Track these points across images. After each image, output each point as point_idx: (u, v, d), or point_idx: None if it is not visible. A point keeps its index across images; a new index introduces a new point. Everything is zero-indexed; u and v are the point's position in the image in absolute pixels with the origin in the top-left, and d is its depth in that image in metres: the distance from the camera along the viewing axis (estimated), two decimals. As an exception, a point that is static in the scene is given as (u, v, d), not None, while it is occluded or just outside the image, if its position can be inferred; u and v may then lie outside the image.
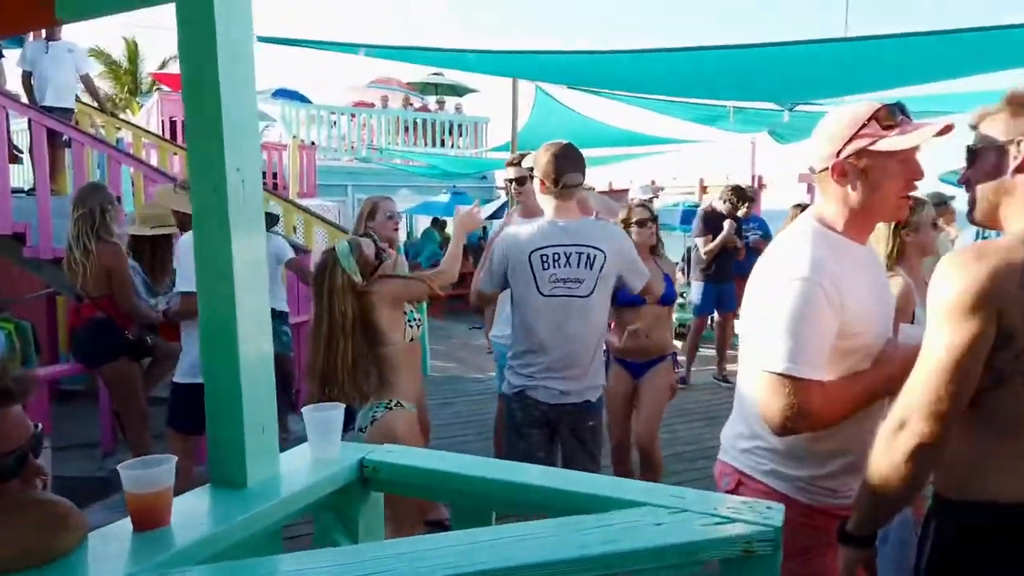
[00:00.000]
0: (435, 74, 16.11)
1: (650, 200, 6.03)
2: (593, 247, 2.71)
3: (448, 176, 13.56)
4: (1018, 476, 1.34)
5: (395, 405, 2.67)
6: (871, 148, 1.53)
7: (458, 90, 16.83)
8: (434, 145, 14.54)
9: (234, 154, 1.46)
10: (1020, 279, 1.28)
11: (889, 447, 1.36)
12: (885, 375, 1.57)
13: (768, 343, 1.54)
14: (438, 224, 13.20)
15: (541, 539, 1.24)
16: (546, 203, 2.80)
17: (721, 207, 6.30)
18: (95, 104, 8.35)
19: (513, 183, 3.75)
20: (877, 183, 1.56)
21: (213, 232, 1.47)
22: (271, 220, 5.29)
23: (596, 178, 12.85)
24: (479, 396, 6.25)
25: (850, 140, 1.55)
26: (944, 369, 1.31)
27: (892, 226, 2.76)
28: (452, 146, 14.83)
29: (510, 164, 3.85)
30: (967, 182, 1.51)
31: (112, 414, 4.62)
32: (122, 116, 12.76)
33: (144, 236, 4.33)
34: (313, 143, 12.96)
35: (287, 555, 1.22)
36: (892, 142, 1.52)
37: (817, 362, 1.51)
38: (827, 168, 1.59)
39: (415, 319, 2.85)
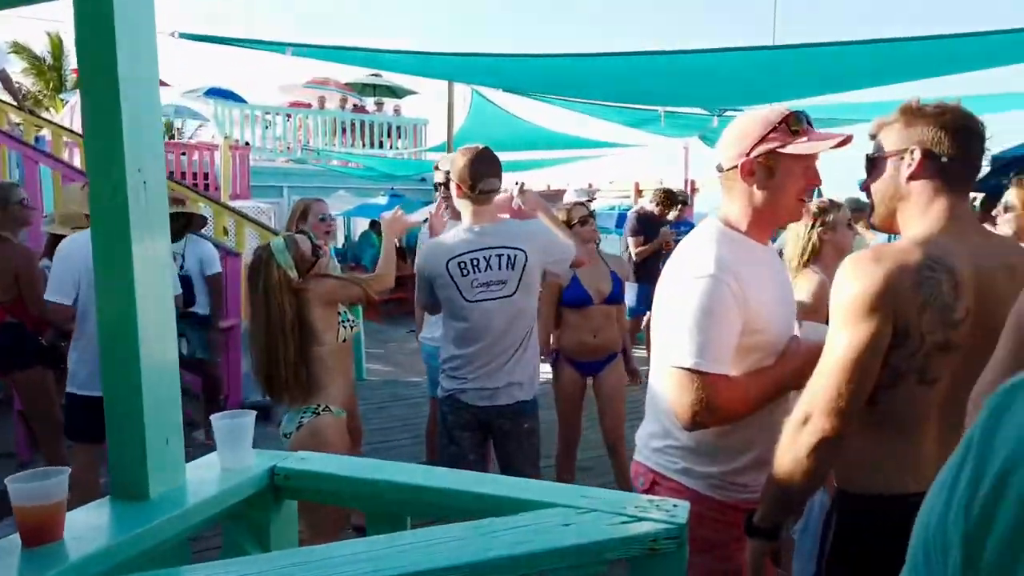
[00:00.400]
0: (373, 75, 15.94)
1: (586, 202, 6.08)
2: (514, 247, 2.72)
3: (387, 178, 13.45)
4: (902, 469, 1.40)
5: (323, 410, 2.63)
6: (779, 150, 1.60)
7: (397, 91, 16.70)
8: (372, 147, 14.41)
9: (135, 154, 1.41)
10: (914, 281, 1.34)
11: (793, 442, 1.41)
12: (789, 370, 1.63)
13: (676, 339, 1.58)
14: (376, 226, 13.06)
15: (451, 543, 1.24)
16: (464, 207, 2.79)
17: (653, 209, 6.42)
18: (13, 102, 8.00)
19: (442, 187, 3.75)
20: (781, 183, 1.63)
21: (113, 236, 1.41)
22: (199, 223, 5.16)
23: (533, 180, 12.92)
24: (415, 400, 6.20)
25: (760, 141, 1.61)
26: (845, 367, 1.36)
27: (808, 225, 2.85)
28: (391, 148, 14.72)
29: (440, 168, 3.84)
30: (867, 189, 1.58)
31: (24, 423, 4.43)
32: (44, 114, 12.26)
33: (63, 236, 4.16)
34: (247, 143, 12.69)
35: (190, 566, 1.18)
36: (799, 147, 1.59)
37: (723, 357, 1.56)
38: (735, 166, 1.65)
39: (349, 320, 2.81)
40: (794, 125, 1.60)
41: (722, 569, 1.70)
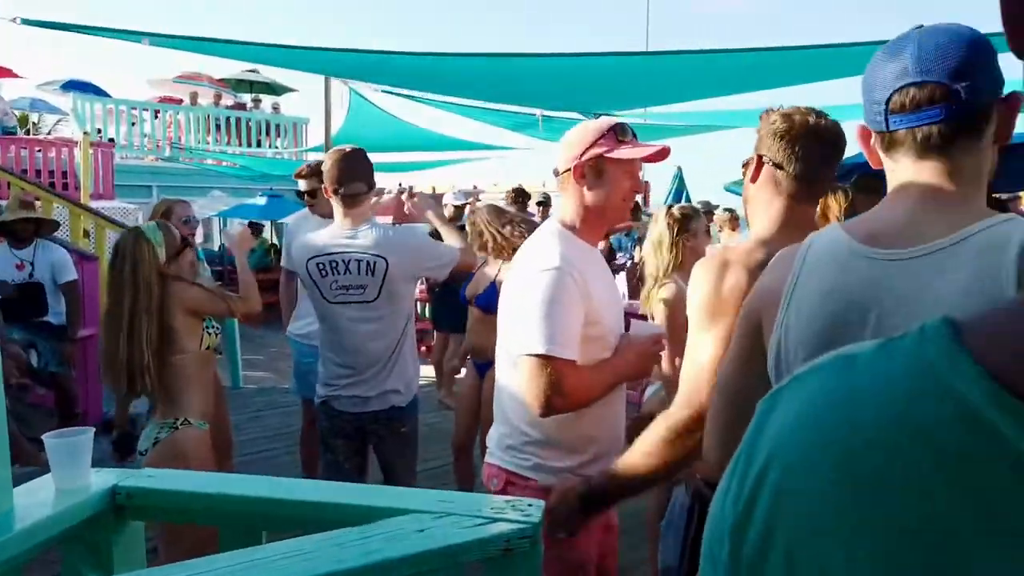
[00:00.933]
0: (249, 71, 15.32)
1: (463, 206, 6.08)
2: (374, 254, 2.66)
3: (265, 178, 12.97)
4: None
5: (182, 424, 2.50)
6: (606, 155, 1.76)
7: (275, 88, 16.12)
8: (250, 145, 13.86)
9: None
10: (753, 278, 1.40)
11: (679, 440, 1.46)
12: (624, 362, 1.78)
13: (526, 329, 1.67)
14: (255, 228, 12.58)
15: (303, 556, 1.21)
16: (335, 209, 2.76)
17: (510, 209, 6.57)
18: None
19: (306, 195, 3.73)
20: (608, 185, 1.79)
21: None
22: (49, 227, 4.82)
23: (417, 182, 12.85)
24: (293, 408, 5.99)
25: (591, 147, 1.77)
26: (703, 366, 1.43)
27: (674, 233, 2.98)
28: (270, 146, 14.21)
29: (299, 176, 3.80)
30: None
31: None
32: None
33: None
34: (111, 140, 11.92)
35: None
36: (622, 152, 1.77)
37: (571, 344, 1.67)
38: (569, 169, 1.80)
39: (214, 326, 2.70)
40: (620, 135, 1.77)
41: (567, 558, 1.77)
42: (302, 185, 3.76)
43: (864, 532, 0.34)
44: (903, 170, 1.06)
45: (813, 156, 1.47)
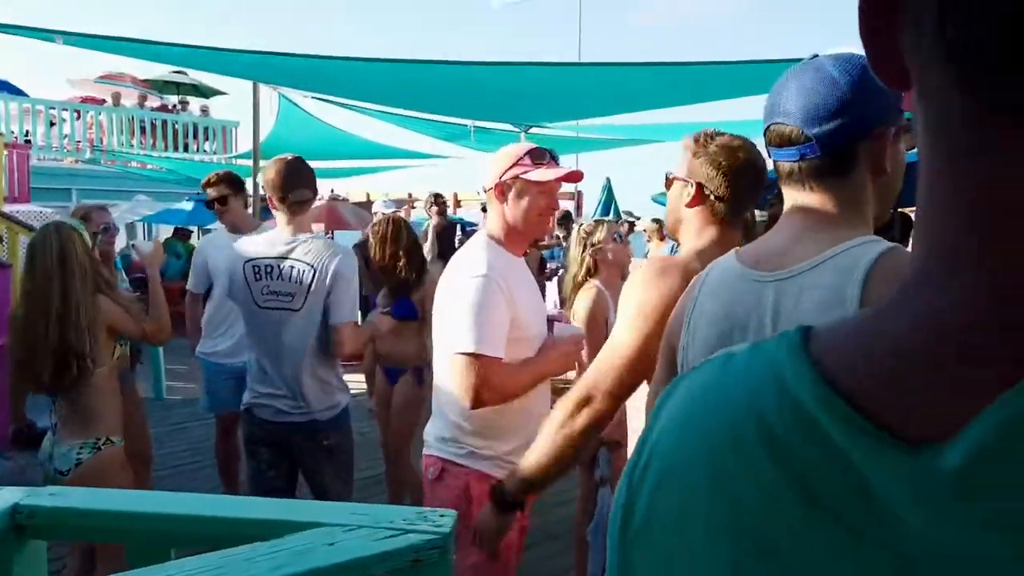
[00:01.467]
0: (176, 72, 14.92)
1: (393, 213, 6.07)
2: (305, 263, 2.68)
3: (192, 181, 12.62)
4: None
5: (104, 443, 2.43)
6: (522, 176, 1.96)
7: (204, 91, 15.75)
8: (176, 149, 13.49)
9: None
10: (688, 287, 1.52)
11: (570, 421, 1.55)
12: (549, 360, 1.99)
13: (457, 330, 1.85)
14: (181, 234, 12.23)
15: (210, 571, 1.20)
16: (277, 218, 2.77)
17: (433, 217, 6.66)
18: None
19: (216, 203, 3.70)
20: (524, 204, 1.98)
21: None
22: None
23: (350, 189, 12.72)
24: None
25: (510, 168, 1.98)
26: (625, 363, 1.53)
27: (583, 247, 3.21)
28: (198, 150, 13.86)
29: (208, 185, 3.76)
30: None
31: None
32: None
33: None
34: (28, 141, 11.44)
35: None
36: (537, 174, 1.96)
37: (497, 343, 1.85)
38: (492, 187, 2.00)
39: (124, 339, 2.64)
40: (537, 158, 1.97)
41: (489, 564, 1.87)
42: (212, 193, 3.71)
43: (717, 518, 0.37)
44: (787, 197, 1.14)
45: (749, 191, 1.61)
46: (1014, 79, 0.30)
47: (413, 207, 11.55)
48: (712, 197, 1.58)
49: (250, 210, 5.90)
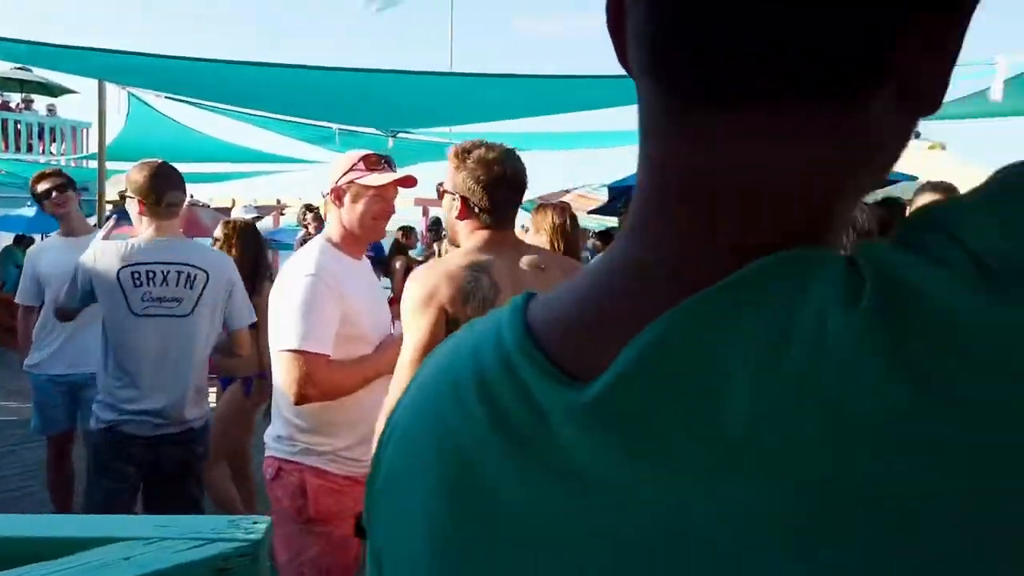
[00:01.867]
0: (20, 68, 13.80)
1: (254, 219, 5.86)
2: (195, 267, 2.63)
3: (36, 186, 11.72)
4: None
5: None
6: (357, 180, 2.02)
7: (51, 89, 14.63)
8: (19, 150, 12.49)
9: None
10: (457, 281, 1.68)
11: (383, 419, 1.57)
12: (382, 357, 2.00)
13: (283, 328, 1.89)
14: (23, 242, 11.31)
15: (-11, 597, 1.12)
16: (146, 224, 2.66)
17: (309, 224, 6.59)
18: None
19: (54, 191, 3.51)
20: (360, 208, 2.04)
21: None
22: None
23: (213, 194, 12.21)
24: (57, 440, 5.44)
25: (346, 172, 2.03)
26: (412, 358, 1.66)
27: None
28: (43, 151, 12.89)
29: (43, 177, 3.58)
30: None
31: None
32: None
33: None
34: None
35: None
36: (370, 178, 2.02)
37: (323, 340, 1.87)
38: (329, 192, 2.06)
39: None
40: (372, 164, 2.03)
41: (337, 535, 1.94)
42: (45, 184, 3.47)
43: (441, 468, 0.39)
44: None
45: (507, 200, 1.79)
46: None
47: (283, 214, 11.23)
48: (477, 209, 1.76)
49: (106, 214, 5.57)
